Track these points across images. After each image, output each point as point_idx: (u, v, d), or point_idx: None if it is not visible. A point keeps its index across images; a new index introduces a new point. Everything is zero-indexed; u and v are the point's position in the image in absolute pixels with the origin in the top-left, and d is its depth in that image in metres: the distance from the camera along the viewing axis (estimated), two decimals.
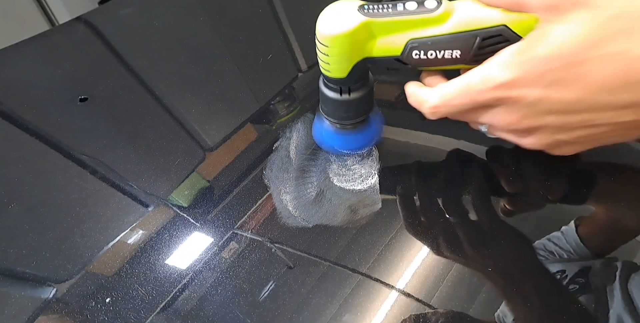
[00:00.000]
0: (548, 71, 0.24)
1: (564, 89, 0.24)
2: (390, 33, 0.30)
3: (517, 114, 0.27)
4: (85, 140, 0.46)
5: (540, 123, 0.27)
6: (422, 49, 0.30)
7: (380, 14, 0.30)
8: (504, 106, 0.27)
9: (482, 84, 0.27)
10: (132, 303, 0.32)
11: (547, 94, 0.25)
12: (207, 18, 0.64)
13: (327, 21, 0.30)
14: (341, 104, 0.34)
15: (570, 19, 0.24)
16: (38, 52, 0.58)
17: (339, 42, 0.30)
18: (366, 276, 0.33)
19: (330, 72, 0.32)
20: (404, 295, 0.32)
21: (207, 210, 0.38)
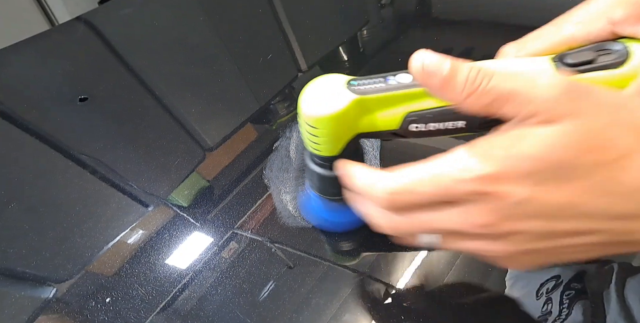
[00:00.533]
0: (536, 171, 0.22)
1: (554, 192, 0.22)
2: (385, 108, 0.28)
3: (498, 214, 0.23)
4: (85, 140, 0.46)
5: (522, 228, 0.23)
6: (422, 122, 0.27)
7: (371, 90, 0.27)
8: (483, 203, 0.23)
9: (458, 172, 0.23)
10: (132, 303, 0.32)
11: (537, 195, 0.22)
12: (207, 18, 0.64)
13: (313, 101, 0.27)
14: (334, 180, 0.30)
15: (563, 125, 0.22)
16: (38, 52, 0.58)
17: (330, 124, 0.27)
18: (366, 276, 0.33)
19: (321, 152, 0.29)
20: (404, 295, 0.32)
21: (207, 210, 0.38)
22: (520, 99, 0.21)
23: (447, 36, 0.57)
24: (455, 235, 0.25)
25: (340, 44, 0.57)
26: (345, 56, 0.57)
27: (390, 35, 0.60)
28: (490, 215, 0.23)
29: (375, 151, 0.40)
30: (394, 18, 0.66)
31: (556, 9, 0.31)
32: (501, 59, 0.29)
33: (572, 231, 0.22)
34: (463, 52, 0.53)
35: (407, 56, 0.24)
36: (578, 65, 0.25)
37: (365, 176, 0.26)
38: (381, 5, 0.68)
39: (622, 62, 0.25)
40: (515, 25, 0.56)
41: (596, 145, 0.21)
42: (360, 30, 0.61)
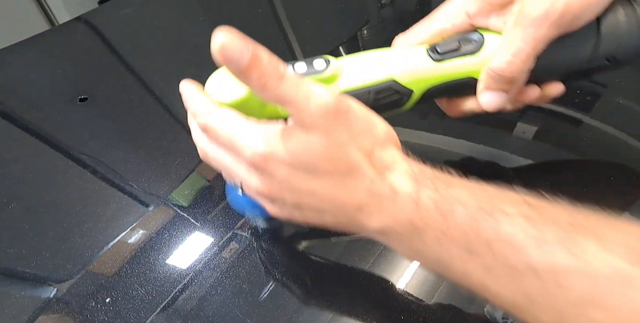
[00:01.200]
0: (292, 163, 0.26)
1: (302, 180, 0.26)
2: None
3: (268, 185, 0.28)
4: (85, 140, 0.46)
5: (282, 197, 0.28)
6: None
7: None
8: (260, 174, 0.27)
9: (246, 142, 0.27)
10: (132, 303, 0.32)
11: (290, 179, 0.26)
12: (207, 18, 0.64)
13: (214, 88, 0.29)
14: None
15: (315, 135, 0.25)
16: (38, 52, 0.58)
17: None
18: (366, 276, 0.33)
19: None
20: (404, 295, 0.32)
21: (207, 210, 0.38)
22: (295, 107, 0.25)
23: None
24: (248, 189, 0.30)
25: (340, 44, 0.57)
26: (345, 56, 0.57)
27: (390, 35, 0.60)
28: (263, 185, 0.28)
29: None
30: (394, 18, 0.66)
31: None
32: (386, 50, 0.33)
33: (313, 208, 0.27)
34: None
35: None
36: (446, 53, 0.30)
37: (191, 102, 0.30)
38: (381, 5, 0.68)
39: (478, 50, 0.30)
40: None
41: (333, 157, 0.25)
42: (360, 30, 0.61)
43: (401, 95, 0.31)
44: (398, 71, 0.30)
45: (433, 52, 0.31)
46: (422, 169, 0.27)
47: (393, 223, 0.25)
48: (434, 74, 0.30)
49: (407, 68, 0.30)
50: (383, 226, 0.26)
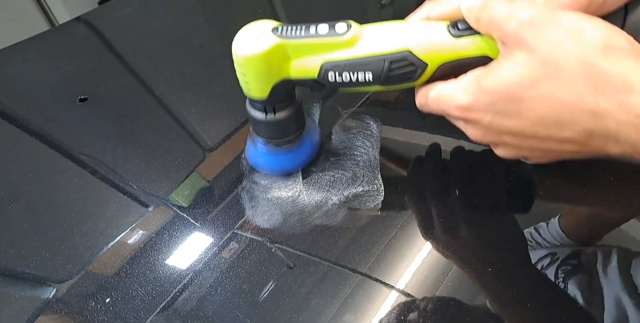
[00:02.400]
0: (494, 103, 0.27)
1: (509, 119, 0.27)
2: (305, 55, 0.31)
3: (479, 131, 0.30)
4: (85, 140, 0.46)
5: (500, 140, 0.30)
6: (336, 71, 0.31)
7: (293, 36, 0.30)
8: (470, 124, 0.30)
9: (448, 100, 0.30)
10: (132, 303, 0.32)
11: (496, 121, 0.28)
12: (207, 18, 0.64)
13: (241, 42, 0.30)
14: (268, 124, 0.35)
15: (514, 58, 0.26)
16: (38, 52, 0.58)
17: (254, 64, 0.30)
18: (366, 276, 0.33)
19: (251, 92, 0.33)
20: (404, 295, 0.32)
21: (207, 210, 0.38)
22: (497, 24, 0.25)
23: None
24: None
25: None
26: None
27: None
28: (476, 132, 0.31)
29: (375, 151, 0.40)
30: (394, 18, 0.65)
31: None
32: (408, 21, 0.34)
33: (537, 146, 0.28)
34: None
35: None
36: (466, 29, 0.30)
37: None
38: (381, 5, 0.68)
39: None
40: None
41: (536, 79, 0.25)
42: None
43: (415, 67, 0.31)
44: (416, 42, 0.30)
45: (454, 28, 0.30)
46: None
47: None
48: (450, 49, 0.31)
49: (425, 41, 0.30)
50: (625, 153, 0.25)
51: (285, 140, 0.36)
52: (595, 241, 0.34)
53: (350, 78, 0.31)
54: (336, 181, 0.38)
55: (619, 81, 0.23)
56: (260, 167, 0.39)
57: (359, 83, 0.32)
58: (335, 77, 0.31)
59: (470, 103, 0.28)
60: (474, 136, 0.31)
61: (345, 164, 0.39)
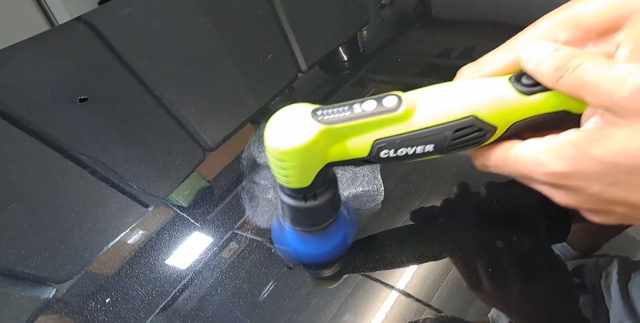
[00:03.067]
0: (605, 173, 0.24)
1: (629, 192, 0.24)
2: (353, 136, 0.27)
3: (579, 198, 0.26)
4: (85, 140, 0.46)
5: (607, 209, 0.26)
6: (391, 148, 0.28)
7: (337, 119, 0.27)
8: (563, 191, 0.26)
9: (532, 165, 0.26)
10: (132, 303, 0.32)
11: (609, 191, 0.24)
12: (207, 18, 0.64)
13: (278, 133, 0.26)
14: (307, 211, 0.30)
15: (635, 128, 0.23)
16: (38, 52, 0.58)
17: (297, 156, 0.26)
18: (366, 276, 0.33)
19: (291, 184, 0.28)
20: (404, 295, 0.32)
21: (207, 210, 0.38)
22: (598, 90, 0.22)
23: (447, 36, 0.57)
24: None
25: (340, 44, 0.57)
26: (345, 56, 0.57)
27: (390, 35, 0.60)
28: (572, 199, 0.26)
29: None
30: (394, 18, 0.66)
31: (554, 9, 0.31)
32: (462, 82, 0.29)
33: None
34: (463, 52, 0.53)
35: (407, 56, 0.25)
36: (534, 85, 0.26)
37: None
38: (381, 5, 0.68)
39: None
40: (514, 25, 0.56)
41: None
42: (360, 30, 0.61)
43: (484, 132, 0.28)
44: (479, 105, 0.27)
45: (519, 83, 0.27)
46: None
47: None
48: (522, 108, 0.27)
49: (490, 102, 0.27)
50: None
51: (324, 226, 0.32)
52: (598, 249, 0.33)
53: (406, 153, 0.28)
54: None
55: None
56: (300, 257, 0.35)
57: (417, 156, 0.28)
58: (389, 154, 0.28)
59: (570, 171, 0.25)
60: (568, 202, 0.27)
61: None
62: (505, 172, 0.28)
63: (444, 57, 0.53)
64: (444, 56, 0.53)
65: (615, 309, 0.29)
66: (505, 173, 0.28)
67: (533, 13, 0.54)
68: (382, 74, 0.52)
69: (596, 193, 0.25)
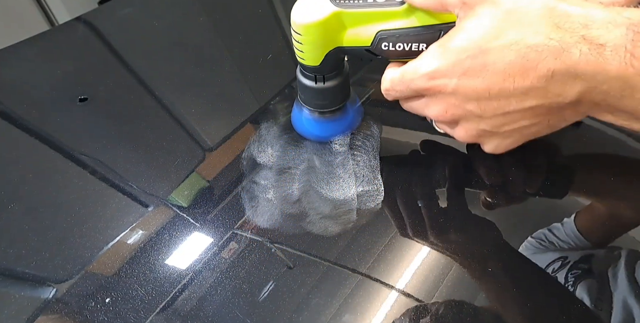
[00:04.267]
0: (460, 61, 0.27)
1: (475, 78, 0.27)
2: (360, 24, 0.31)
3: (443, 104, 0.30)
4: (85, 140, 0.46)
5: (462, 112, 0.29)
6: (390, 41, 0.31)
7: (350, 5, 0.31)
8: (433, 97, 0.30)
9: (412, 72, 0.30)
10: (132, 303, 0.32)
11: (462, 84, 0.27)
12: (207, 18, 0.64)
13: (300, 10, 0.31)
14: (316, 92, 0.36)
15: (478, 14, 0.26)
16: (38, 52, 0.58)
17: (311, 31, 0.31)
18: (366, 276, 0.33)
19: (304, 60, 0.34)
20: (404, 295, 0.32)
21: (207, 210, 0.38)
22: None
23: None
24: (435, 122, 0.33)
25: None
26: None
27: None
28: (439, 105, 0.30)
29: (375, 151, 0.40)
30: None
31: None
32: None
33: (499, 110, 0.27)
34: None
35: None
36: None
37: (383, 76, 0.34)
38: None
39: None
40: None
41: (502, 29, 0.25)
42: None
43: None
44: None
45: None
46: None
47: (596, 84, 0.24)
48: None
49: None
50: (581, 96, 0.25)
51: (331, 110, 0.37)
52: (611, 241, 0.34)
53: (403, 48, 0.32)
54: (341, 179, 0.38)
55: (581, 19, 0.24)
56: (306, 133, 0.41)
57: (411, 53, 0.31)
58: (388, 47, 0.32)
59: (436, 67, 0.28)
60: (437, 111, 0.30)
61: (345, 164, 0.39)
62: (400, 93, 0.32)
63: None
64: None
65: (620, 289, 0.29)
66: (401, 94, 0.32)
67: None
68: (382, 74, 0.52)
69: (453, 89, 0.27)
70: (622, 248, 0.32)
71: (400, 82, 0.31)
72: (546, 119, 0.28)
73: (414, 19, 0.31)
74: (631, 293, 0.29)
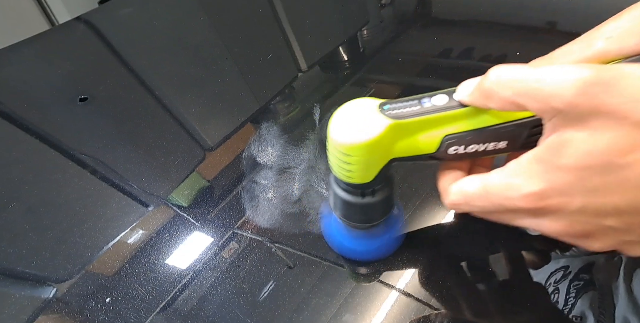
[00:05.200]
0: (581, 180, 0.22)
1: (611, 196, 0.22)
2: (422, 132, 0.27)
3: (564, 221, 0.24)
4: (85, 140, 0.46)
5: (596, 228, 0.24)
6: (461, 144, 0.27)
7: (406, 114, 0.26)
8: (547, 215, 0.25)
9: (505, 190, 0.25)
10: (132, 303, 0.32)
11: (593, 201, 0.23)
12: (207, 18, 0.64)
13: (344, 127, 0.25)
14: (363, 208, 0.29)
15: (593, 127, 0.21)
16: (38, 52, 0.58)
17: (365, 151, 0.25)
18: (366, 276, 0.33)
19: (353, 179, 0.28)
20: (404, 295, 0.32)
21: (207, 210, 0.38)
22: (538, 95, 0.21)
23: (447, 36, 0.57)
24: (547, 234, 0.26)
25: (340, 44, 0.57)
26: (345, 56, 0.57)
27: (390, 35, 0.60)
28: (559, 223, 0.24)
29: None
30: (394, 18, 0.66)
31: (555, 9, 0.31)
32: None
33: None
34: (463, 52, 0.53)
35: (407, 55, 0.25)
36: None
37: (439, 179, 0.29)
38: (381, 5, 0.68)
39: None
40: (515, 25, 0.56)
41: (636, 141, 0.20)
42: (360, 30, 0.61)
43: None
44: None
45: None
46: None
47: None
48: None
49: None
50: None
51: (377, 223, 0.31)
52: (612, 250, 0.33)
53: (477, 150, 0.27)
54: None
55: None
56: (343, 251, 0.35)
57: (487, 152, 0.27)
58: (458, 151, 0.27)
59: (545, 188, 0.23)
60: (557, 229, 0.25)
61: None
62: (481, 208, 0.27)
63: (444, 57, 0.53)
64: (444, 56, 0.53)
65: (621, 305, 0.29)
66: (481, 209, 0.27)
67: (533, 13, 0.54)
68: (382, 74, 0.52)
69: (580, 206, 0.23)
70: (622, 254, 0.32)
71: (482, 198, 0.26)
72: None
73: (488, 117, 0.26)
74: (631, 311, 0.29)
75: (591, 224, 0.24)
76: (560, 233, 0.25)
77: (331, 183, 0.30)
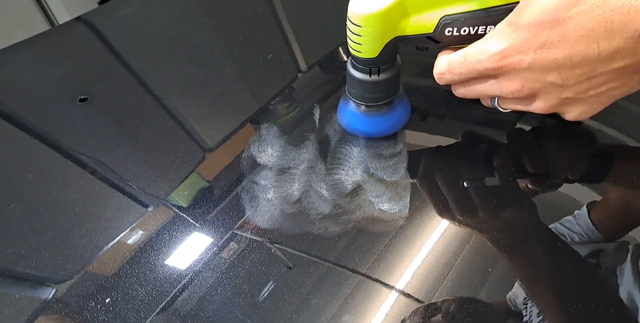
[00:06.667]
0: (535, 35, 0.26)
1: (554, 50, 0.26)
2: (423, 11, 0.30)
3: (518, 80, 0.29)
4: (85, 140, 0.46)
5: (541, 84, 0.29)
6: (455, 25, 0.30)
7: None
8: (505, 75, 0.29)
9: (479, 54, 0.29)
10: (132, 303, 0.32)
11: (539, 57, 0.27)
12: (207, 18, 0.64)
13: (360, 2, 0.29)
14: (370, 85, 0.34)
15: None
16: (38, 52, 0.58)
17: (373, 22, 0.30)
18: (366, 276, 0.33)
19: (361, 53, 0.32)
20: (404, 295, 0.32)
21: (207, 210, 0.38)
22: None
23: None
24: (504, 100, 0.33)
25: (340, 44, 0.57)
26: (345, 56, 0.57)
27: None
28: (513, 82, 0.29)
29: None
30: None
31: None
32: None
33: (584, 75, 0.27)
34: None
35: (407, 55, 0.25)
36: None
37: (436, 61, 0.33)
38: None
39: None
40: None
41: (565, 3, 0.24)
42: None
43: None
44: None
45: None
46: None
47: None
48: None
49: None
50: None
51: (383, 103, 0.36)
52: (621, 235, 0.33)
53: (469, 32, 0.30)
54: (341, 181, 0.38)
55: None
56: (356, 130, 0.40)
57: (477, 37, 0.30)
58: (452, 32, 0.30)
59: (507, 46, 0.27)
60: (512, 88, 0.30)
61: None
62: (459, 75, 0.31)
63: None
64: None
65: (626, 282, 0.29)
66: (459, 76, 0.31)
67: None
68: None
69: (530, 63, 0.27)
70: (630, 243, 0.32)
71: (461, 64, 0.31)
72: (633, 78, 0.28)
73: (479, 1, 0.29)
74: (636, 285, 0.29)
75: (538, 82, 0.28)
76: (514, 92, 0.30)
77: (348, 67, 0.35)
